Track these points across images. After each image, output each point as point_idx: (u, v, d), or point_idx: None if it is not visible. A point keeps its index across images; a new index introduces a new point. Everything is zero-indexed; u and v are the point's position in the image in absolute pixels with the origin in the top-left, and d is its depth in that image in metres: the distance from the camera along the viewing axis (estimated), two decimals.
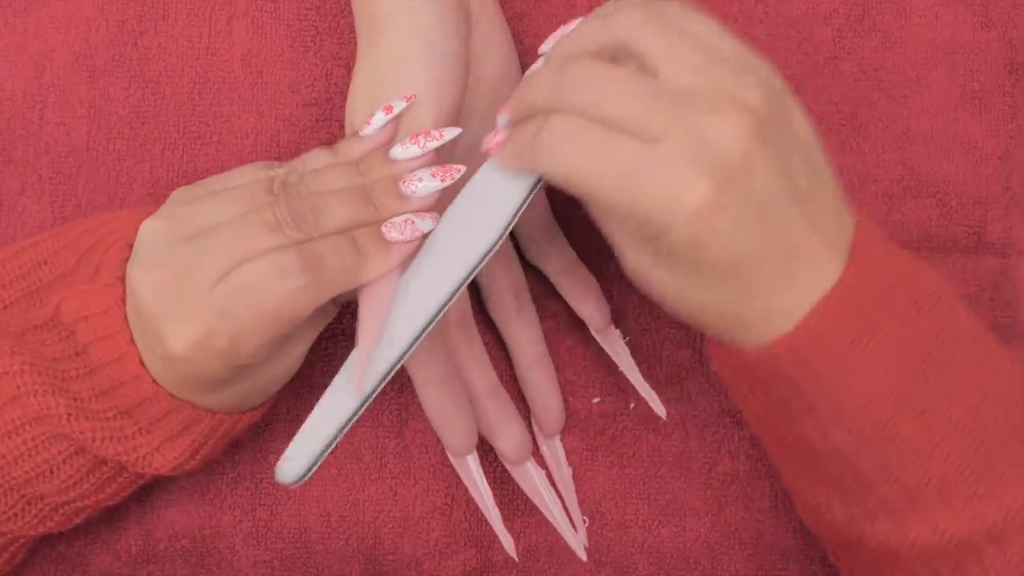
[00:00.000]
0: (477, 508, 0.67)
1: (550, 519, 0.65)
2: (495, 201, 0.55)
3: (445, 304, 0.54)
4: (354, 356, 0.55)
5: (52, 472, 0.57)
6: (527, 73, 0.56)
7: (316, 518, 0.67)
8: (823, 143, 0.54)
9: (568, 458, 0.67)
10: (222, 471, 0.67)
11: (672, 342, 0.68)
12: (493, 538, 0.67)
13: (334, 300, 0.58)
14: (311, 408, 0.66)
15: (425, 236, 0.55)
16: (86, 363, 0.56)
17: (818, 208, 0.52)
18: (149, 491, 0.67)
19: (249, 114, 0.67)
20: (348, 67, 0.67)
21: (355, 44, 0.60)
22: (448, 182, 0.56)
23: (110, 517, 0.67)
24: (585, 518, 0.67)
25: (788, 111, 0.52)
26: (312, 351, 0.66)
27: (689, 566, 0.67)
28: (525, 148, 0.52)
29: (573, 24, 0.55)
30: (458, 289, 0.54)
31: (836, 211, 0.53)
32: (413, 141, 0.56)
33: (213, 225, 0.55)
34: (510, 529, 0.67)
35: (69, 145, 0.68)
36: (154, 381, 0.56)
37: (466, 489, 0.67)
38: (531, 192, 0.55)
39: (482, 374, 0.63)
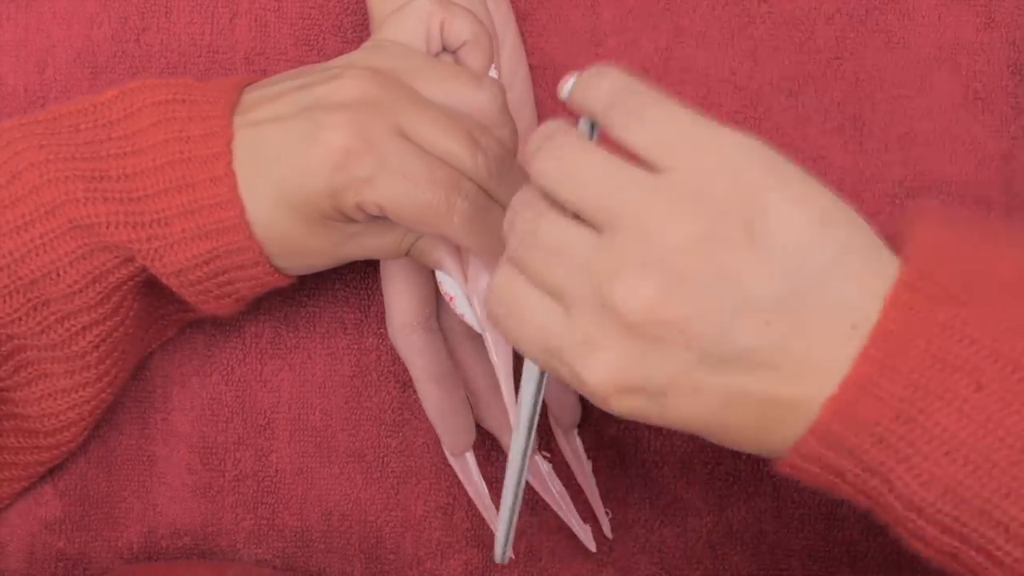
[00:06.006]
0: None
1: (558, 511, 0.65)
2: None
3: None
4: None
5: (59, 274, 0.57)
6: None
7: (317, 517, 0.67)
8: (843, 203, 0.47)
9: None
10: (224, 468, 0.67)
11: None
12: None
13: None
14: (313, 409, 0.67)
15: None
16: (131, 144, 0.56)
17: (802, 340, 0.44)
18: (151, 488, 0.67)
19: None
20: None
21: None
22: None
23: (111, 514, 0.67)
24: (608, 510, 0.66)
25: (754, 220, 0.45)
26: (313, 348, 0.66)
27: (691, 566, 0.67)
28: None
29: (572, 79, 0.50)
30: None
31: (844, 317, 0.45)
32: None
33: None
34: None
35: None
36: (230, 165, 0.56)
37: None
38: None
39: (486, 370, 0.63)
